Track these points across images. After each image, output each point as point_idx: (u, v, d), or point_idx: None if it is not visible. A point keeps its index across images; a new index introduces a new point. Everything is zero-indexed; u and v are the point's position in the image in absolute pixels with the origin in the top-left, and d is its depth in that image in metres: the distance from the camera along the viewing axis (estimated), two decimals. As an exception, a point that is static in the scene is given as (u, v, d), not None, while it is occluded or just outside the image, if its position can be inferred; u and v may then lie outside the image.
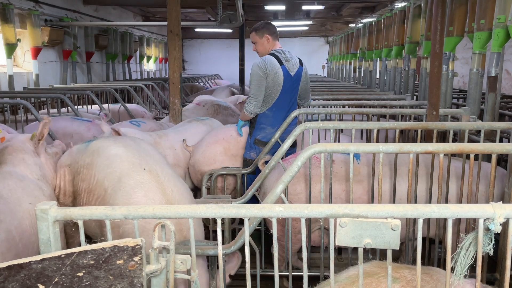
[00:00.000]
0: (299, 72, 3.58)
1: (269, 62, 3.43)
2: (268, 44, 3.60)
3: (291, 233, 2.57)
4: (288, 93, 3.48)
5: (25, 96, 5.37)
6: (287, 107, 3.53)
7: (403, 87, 6.39)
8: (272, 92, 3.42)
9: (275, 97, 3.44)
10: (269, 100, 3.45)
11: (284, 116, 3.51)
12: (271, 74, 3.39)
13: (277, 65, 3.44)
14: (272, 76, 3.40)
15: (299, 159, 2.08)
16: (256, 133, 3.49)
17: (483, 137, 2.81)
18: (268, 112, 3.47)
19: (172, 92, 5.04)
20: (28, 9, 7.29)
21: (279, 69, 3.43)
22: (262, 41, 3.60)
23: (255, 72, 3.44)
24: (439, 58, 3.08)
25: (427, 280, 1.63)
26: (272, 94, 3.43)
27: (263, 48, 3.63)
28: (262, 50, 3.63)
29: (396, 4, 7.32)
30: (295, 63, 3.57)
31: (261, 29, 3.60)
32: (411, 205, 1.32)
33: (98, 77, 10.63)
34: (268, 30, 3.60)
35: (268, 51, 3.60)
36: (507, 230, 1.31)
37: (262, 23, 3.67)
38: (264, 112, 3.49)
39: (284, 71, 3.46)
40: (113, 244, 1.19)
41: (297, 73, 3.55)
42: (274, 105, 3.45)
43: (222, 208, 1.36)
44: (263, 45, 3.61)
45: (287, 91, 3.46)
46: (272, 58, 3.46)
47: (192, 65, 18.86)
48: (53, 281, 1.17)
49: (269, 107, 3.47)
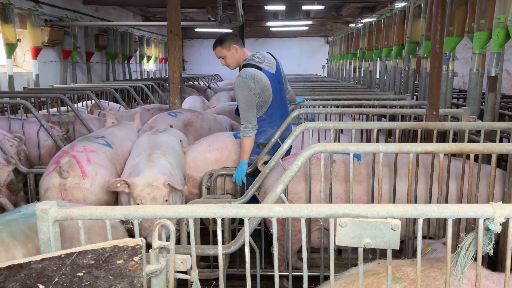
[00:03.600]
0: (278, 67, 3.50)
1: (250, 76, 3.24)
2: (238, 54, 3.40)
3: (291, 233, 2.58)
4: (278, 92, 3.44)
5: (25, 96, 5.37)
6: (280, 104, 3.49)
7: (403, 87, 6.39)
8: (264, 100, 3.33)
9: (269, 101, 3.38)
10: (264, 106, 3.36)
11: (281, 114, 3.48)
12: (258, 86, 3.26)
13: (259, 73, 3.28)
14: (259, 87, 3.26)
15: (299, 159, 2.08)
16: (257, 138, 3.43)
17: (483, 137, 2.81)
18: (265, 115, 3.41)
19: (172, 92, 5.04)
20: (28, 9, 7.29)
21: (262, 76, 3.29)
22: (231, 53, 3.38)
23: (241, 95, 3.24)
24: (439, 58, 3.08)
25: (434, 276, 1.62)
26: (265, 101, 3.34)
27: (234, 60, 3.42)
28: (234, 63, 3.44)
29: (396, 4, 7.32)
30: (269, 60, 3.45)
31: (227, 41, 3.36)
32: (411, 205, 1.32)
33: (98, 77, 10.63)
34: (233, 40, 3.39)
35: (240, 62, 3.43)
36: (507, 230, 1.31)
37: (223, 36, 3.42)
38: (260, 116, 3.40)
39: (267, 74, 3.34)
40: (113, 244, 1.19)
41: (277, 69, 3.48)
42: (269, 108, 3.41)
43: (222, 208, 1.36)
44: (234, 57, 3.40)
45: (276, 90, 3.41)
46: (251, 69, 3.28)
47: (192, 65, 18.87)
48: (53, 281, 1.17)
49: (265, 111, 3.41)
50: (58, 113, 5.05)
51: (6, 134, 3.83)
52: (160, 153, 3.22)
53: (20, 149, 3.83)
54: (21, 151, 3.86)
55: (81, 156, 3.17)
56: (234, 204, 1.41)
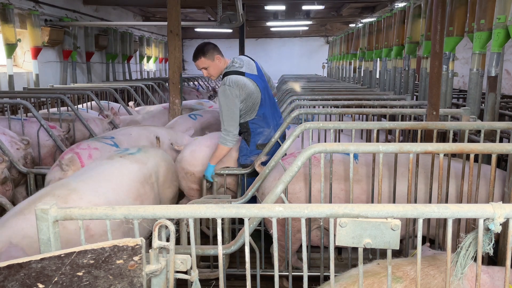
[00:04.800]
0: (257, 67, 3.50)
1: (235, 83, 3.22)
2: (220, 63, 3.37)
3: (291, 233, 2.57)
4: (265, 91, 3.44)
5: (25, 96, 5.37)
6: (270, 103, 3.50)
7: (403, 87, 6.39)
8: (253, 103, 3.32)
9: (258, 102, 3.36)
10: (254, 108, 3.33)
11: (272, 112, 3.49)
12: (243, 93, 3.24)
13: (242, 79, 3.26)
14: (245, 93, 3.25)
15: (299, 159, 2.08)
16: (255, 139, 3.42)
17: (483, 137, 2.81)
18: (257, 116, 3.40)
19: (172, 92, 5.04)
20: (28, 9, 7.29)
21: (246, 81, 3.28)
22: (215, 64, 3.34)
23: (224, 102, 3.22)
24: (439, 58, 3.08)
25: (433, 275, 1.62)
26: (254, 103, 3.33)
27: (217, 70, 3.39)
28: (216, 72, 3.40)
29: (396, 4, 7.33)
30: (248, 62, 3.44)
31: (210, 51, 3.32)
32: (411, 205, 1.32)
33: (98, 77, 10.63)
34: (215, 50, 3.35)
35: (222, 71, 3.40)
36: (507, 230, 1.31)
37: (203, 46, 3.37)
38: (254, 118, 3.37)
39: (250, 76, 3.33)
40: (113, 243, 1.19)
41: (258, 69, 3.47)
42: (260, 107, 3.40)
43: (222, 208, 1.36)
44: (217, 67, 3.36)
45: (263, 90, 3.41)
46: (234, 77, 3.26)
47: (192, 65, 18.86)
48: (53, 281, 1.17)
49: (257, 111, 3.39)
50: (58, 113, 5.05)
51: (14, 136, 3.86)
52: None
53: (27, 152, 3.87)
54: (28, 154, 3.90)
55: (83, 153, 3.34)
56: (234, 204, 1.41)
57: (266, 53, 18.11)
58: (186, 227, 2.44)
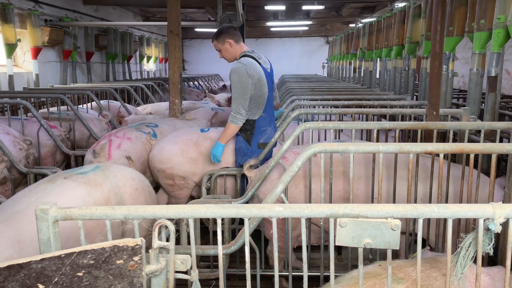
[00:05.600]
0: (271, 68, 3.55)
1: (250, 64, 3.26)
2: (232, 49, 3.43)
3: (291, 233, 2.57)
4: (271, 90, 3.47)
5: (25, 96, 5.37)
6: (272, 104, 3.53)
7: (403, 87, 6.39)
8: (260, 94, 3.33)
9: (266, 98, 3.39)
10: (262, 102, 3.36)
11: (272, 113, 3.52)
12: (256, 76, 3.26)
13: (258, 65, 3.32)
14: (257, 78, 3.27)
15: (299, 159, 2.08)
16: (258, 138, 3.41)
17: (483, 137, 2.81)
18: (264, 114, 3.41)
19: (172, 92, 5.04)
20: (28, 9, 7.29)
21: (260, 68, 3.33)
22: (225, 48, 3.42)
23: (238, 79, 3.22)
24: (439, 58, 3.08)
25: (435, 277, 1.62)
26: (262, 95, 3.34)
27: (229, 54, 3.46)
28: (229, 56, 3.47)
29: (396, 4, 7.33)
30: (265, 59, 3.52)
31: (221, 35, 3.40)
32: (411, 205, 1.32)
33: (98, 77, 10.63)
34: (228, 34, 3.40)
35: (237, 55, 3.44)
36: (507, 230, 1.31)
37: (220, 29, 3.46)
38: (261, 116, 3.39)
39: (263, 69, 3.38)
40: (113, 244, 1.19)
41: (271, 69, 3.53)
42: (266, 106, 3.41)
43: (222, 208, 1.36)
44: (228, 51, 3.44)
45: (270, 88, 3.44)
46: (251, 60, 3.31)
47: (192, 65, 18.87)
48: (53, 281, 1.17)
49: (263, 109, 3.41)
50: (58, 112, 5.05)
51: (17, 136, 3.87)
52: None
53: (29, 152, 3.88)
54: (30, 154, 3.91)
55: (115, 141, 3.54)
56: (234, 204, 1.41)
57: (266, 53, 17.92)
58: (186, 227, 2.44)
